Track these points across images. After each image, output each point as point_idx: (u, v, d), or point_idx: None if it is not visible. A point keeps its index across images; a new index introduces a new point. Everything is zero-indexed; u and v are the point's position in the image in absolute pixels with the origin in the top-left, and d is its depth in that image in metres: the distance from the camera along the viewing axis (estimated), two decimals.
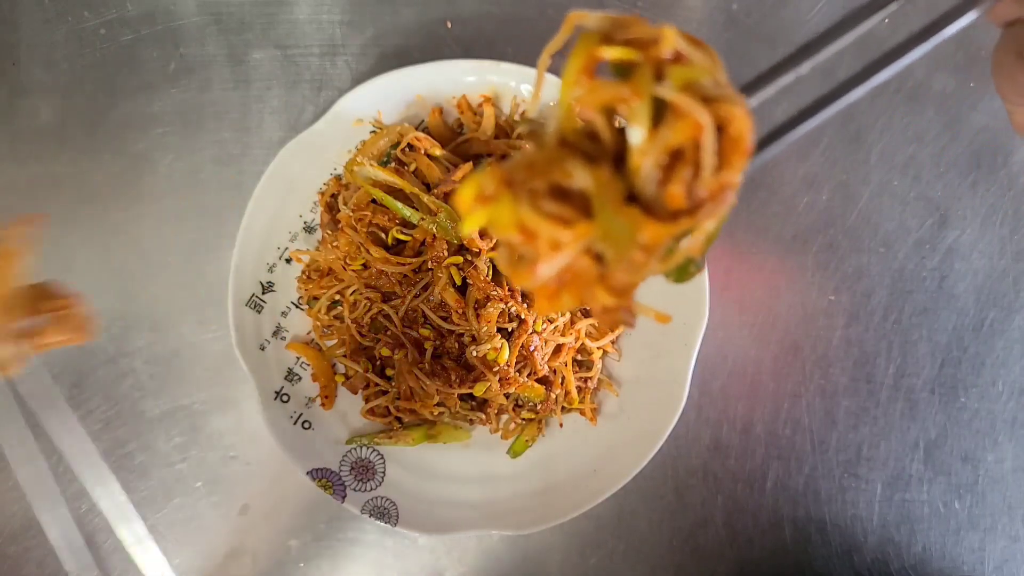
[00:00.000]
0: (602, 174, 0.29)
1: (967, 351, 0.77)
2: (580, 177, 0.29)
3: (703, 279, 0.67)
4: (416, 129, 0.71)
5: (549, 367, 0.68)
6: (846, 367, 0.77)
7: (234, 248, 0.69)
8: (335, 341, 0.72)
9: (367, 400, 0.71)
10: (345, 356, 0.71)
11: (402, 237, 0.66)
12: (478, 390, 0.66)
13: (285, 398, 0.70)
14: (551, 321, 0.67)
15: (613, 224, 0.29)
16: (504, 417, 0.71)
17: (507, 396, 0.67)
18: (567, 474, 0.69)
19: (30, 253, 0.45)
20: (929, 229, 0.78)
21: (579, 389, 0.70)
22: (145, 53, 0.80)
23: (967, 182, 0.78)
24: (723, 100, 0.28)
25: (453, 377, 0.66)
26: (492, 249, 0.64)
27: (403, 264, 0.65)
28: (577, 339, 0.69)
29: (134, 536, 0.73)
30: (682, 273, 0.33)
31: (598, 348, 0.71)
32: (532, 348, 0.65)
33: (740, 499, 0.76)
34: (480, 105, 0.72)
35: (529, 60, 0.70)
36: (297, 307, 0.72)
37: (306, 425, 0.70)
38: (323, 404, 0.71)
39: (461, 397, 0.68)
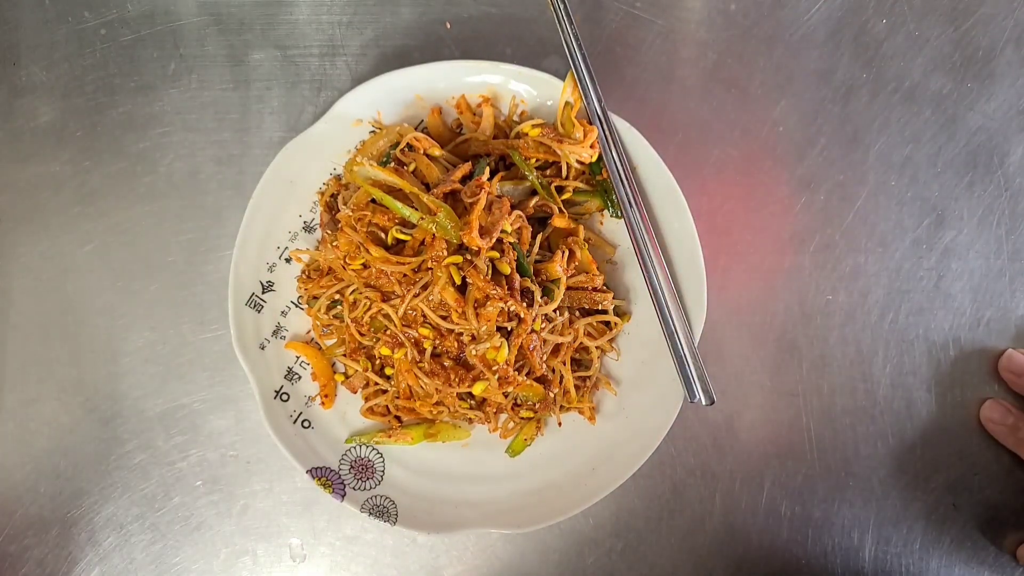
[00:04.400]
0: None
1: (963, 350, 0.77)
2: None
3: (701, 278, 0.68)
4: (415, 129, 0.72)
5: (548, 366, 0.68)
6: (843, 366, 0.77)
7: (234, 248, 0.69)
8: (335, 340, 0.72)
9: (367, 399, 0.72)
10: (345, 355, 0.71)
11: (402, 237, 0.66)
12: (477, 389, 0.66)
13: (285, 397, 0.70)
14: (549, 320, 0.68)
15: None
16: (503, 416, 0.72)
17: (506, 395, 0.67)
18: (565, 473, 0.70)
19: None
20: (926, 229, 0.78)
21: (578, 388, 0.71)
22: (145, 53, 0.80)
23: (964, 182, 0.78)
24: None
25: (452, 376, 0.66)
26: (492, 248, 0.64)
27: (403, 264, 0.65)
28: (576, 338, 0.70)
29: None
30: None
31: (596, 347, 0.71)
32: (531, 347, 0.65)
33: (738, 498, 0.76)
34: (479, 105, 0.72)
35: (528, 61, 0.71)
36: (297, 306, 0.72)
37: (306, 424, 0.70)
38: (323, 403, 0.71)
39: (460, 396, 0.68)
